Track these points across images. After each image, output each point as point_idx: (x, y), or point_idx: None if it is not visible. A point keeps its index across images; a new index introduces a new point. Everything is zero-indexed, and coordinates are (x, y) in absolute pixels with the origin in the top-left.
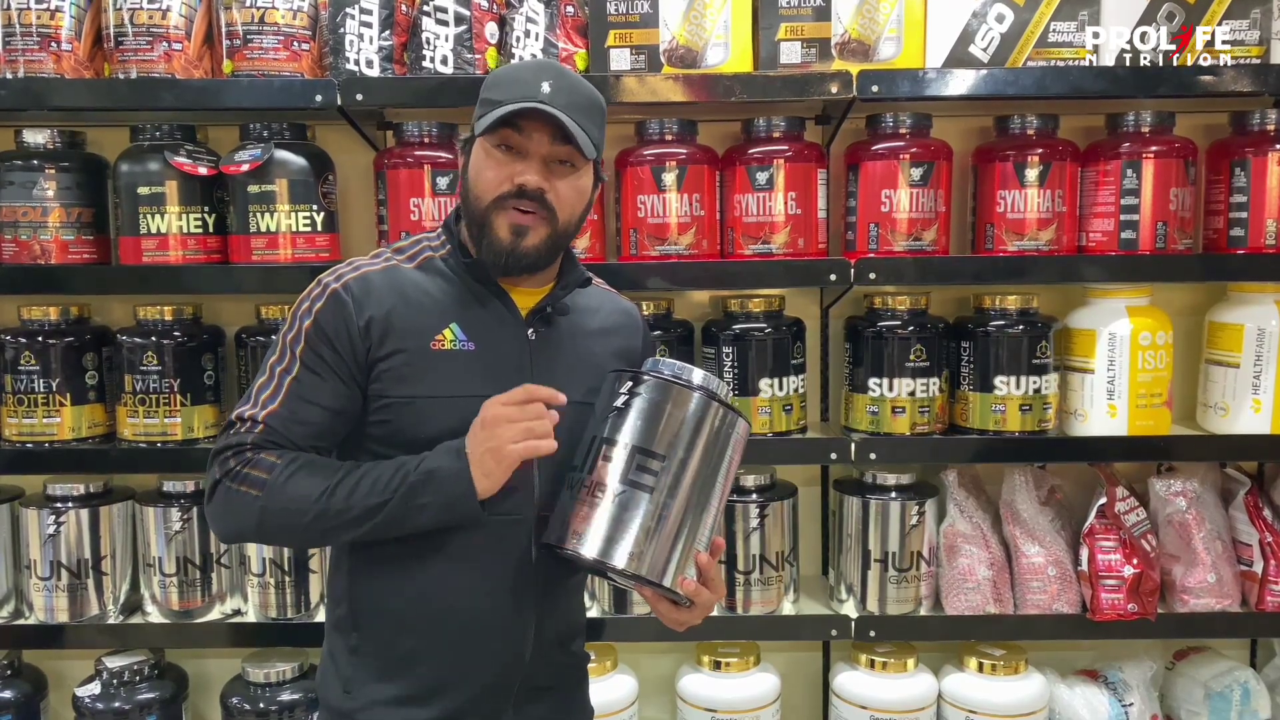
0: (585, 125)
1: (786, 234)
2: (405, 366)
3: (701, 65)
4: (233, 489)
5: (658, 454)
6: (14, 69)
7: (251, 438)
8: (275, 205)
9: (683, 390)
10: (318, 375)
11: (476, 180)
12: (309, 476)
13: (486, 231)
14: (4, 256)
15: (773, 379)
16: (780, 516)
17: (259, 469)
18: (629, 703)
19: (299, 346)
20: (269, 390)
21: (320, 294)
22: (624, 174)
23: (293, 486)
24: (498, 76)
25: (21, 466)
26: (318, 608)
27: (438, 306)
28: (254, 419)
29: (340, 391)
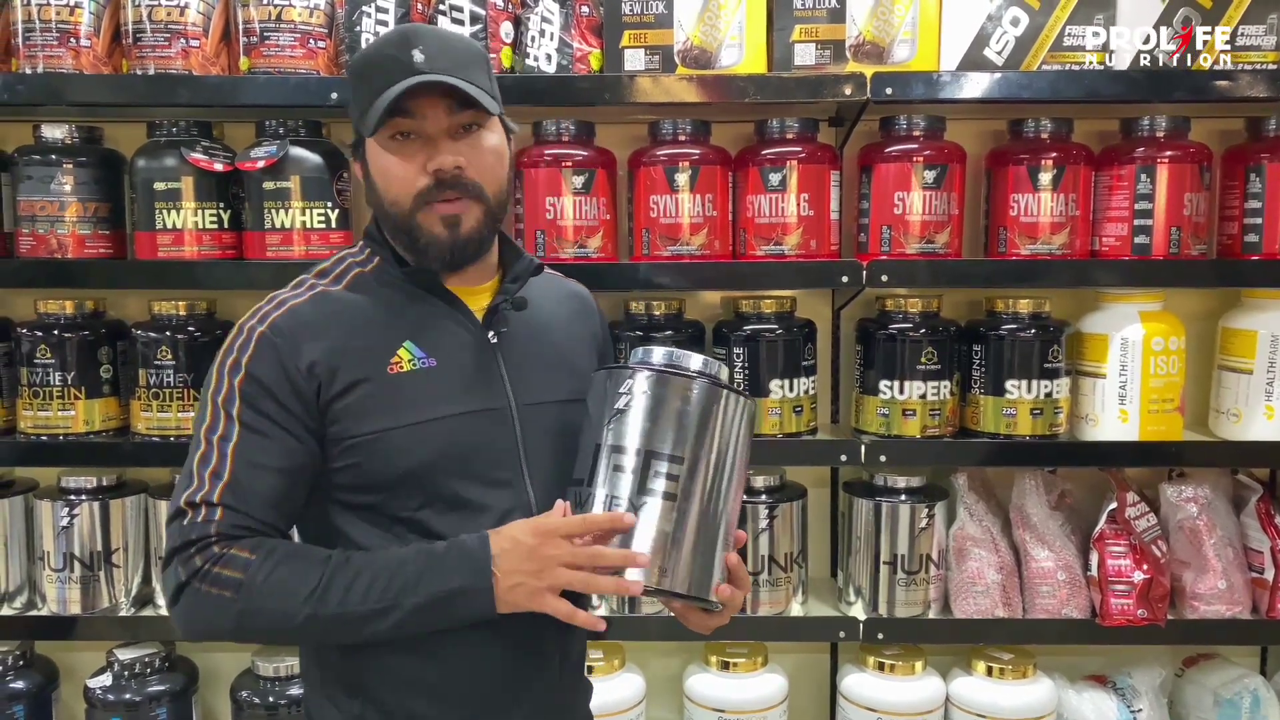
0: (477, 80)
1: (799, 235)
2: (367, 399)
3: (715, 66)
4: (202, 590)
5: (675, 456)
6: (33, 64)
7: (214, 527)
8: (290, 202)
9: (687, 381)
10: (263, 435)
11: (386, 184)
12: (292, 572)
13: (418, 236)
14: (21, 250)
15: (783, 380)
16: (789, 518)
17: (231, 567)
18: (636, 702)
19: (234, 407)
20: (212, 464)
21: (246, 342)
22: (637, 174)
23: (274, 585)
24: (361, 64)
25: (36, 459)
26: None
27: (384, 326)
28: (208, 502)
29: (293, 448)
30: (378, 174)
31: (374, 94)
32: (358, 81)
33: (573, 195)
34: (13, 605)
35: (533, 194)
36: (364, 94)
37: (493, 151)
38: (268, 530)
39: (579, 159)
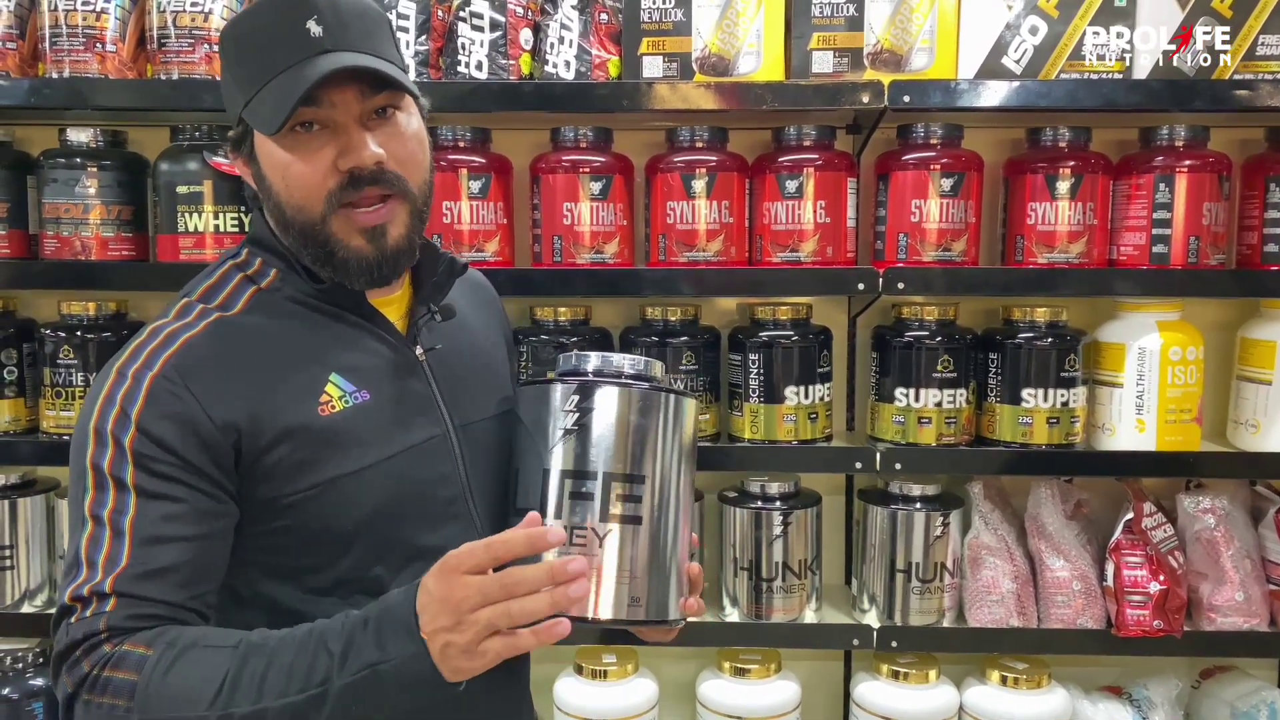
0: (386, 51)
1: (815, 242)
2: (299, 451)
3: (733, 73)
4: (92, 703)
5: (636, 475)
6: (59, 69)
7: (104, 621)
8: None
9: (645, 392)
10: (168, 500)
11: (287, 188)
12: (196, 665)
13: (334, 249)
14: (46, 252)
15: (799, 387)
16: (804, 525)
17: (124, 668)
18: (649, 707)
19: (126, 471)
20: (104, 546)
21: (134, 391)
22: (654, 180)
23: (174, 684)
24: (241, 38)
25: (58, 458)
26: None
27: (303, 359)
28: (98, 593)
29: (207, 510)
30: (274, 174)
31: (264, 77)
32: (238, 60)
33: (590, 201)
34: (33, 603)
35: (550, 200)
36: (249, 76)
37: (414, 138)
38: (180, 615)
39: (596, 165)
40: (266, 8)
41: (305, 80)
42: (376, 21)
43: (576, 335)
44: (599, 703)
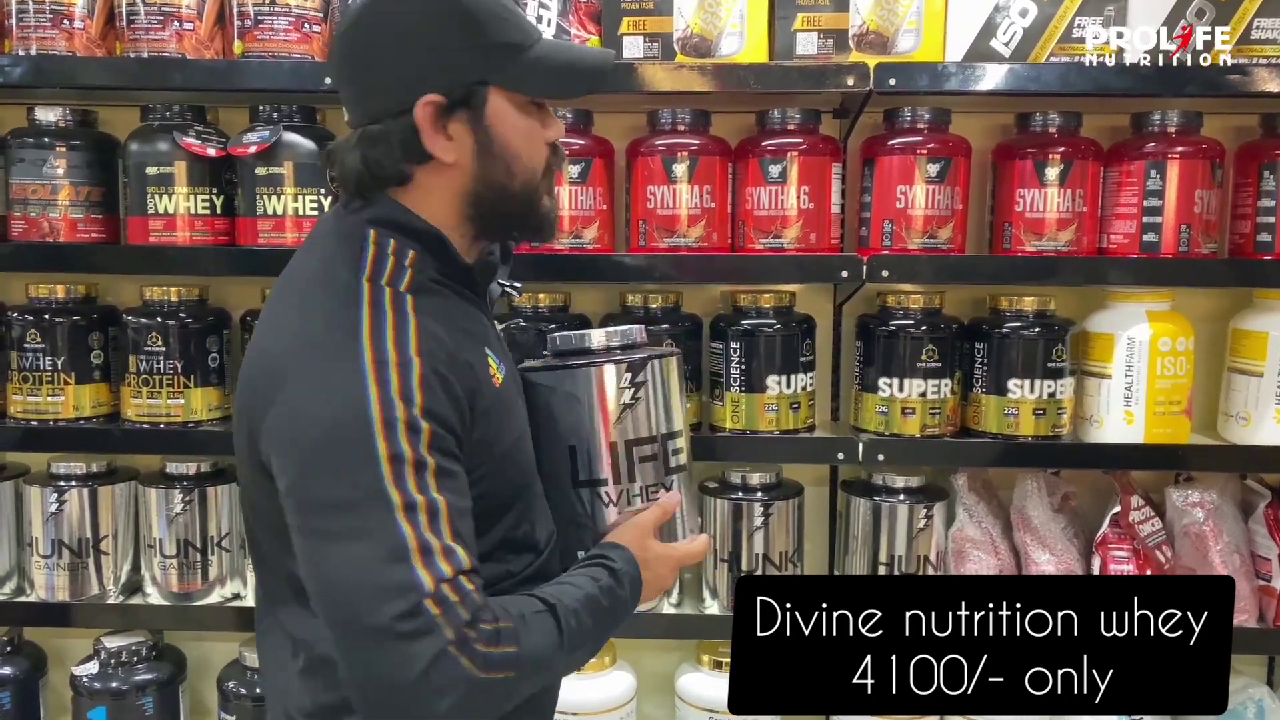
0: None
1: (799, 229)
2: (490, 425)
3: (715, 54)
4: (493, 682)
5: (675, 431)
6: (26, 46)
7: (480, 598)
8: (283, 188)
9: (675, 358)
10: (456, 477)
11: (531, 149)
12: (535, 626)
13: (543, 209)
14: (13, 234)
15: (780, 376)
16: (785, 516)
17: (503, 643)
18: (627, 699)
19: (427, 452)
20: (445, 525)
21: (409, 375)
22: (634, 164)
23: (533, 645)
24: (500, 7)
25: (26, 444)
26: None
27: (467, 333)
28: (463, 571)
29: (467, 483)
30: (517, 137)
31: (521, 44)
32: (480, 29)
33: (569, 185)
34: (1, 591)
35: None
36: (512, 40)
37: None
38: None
39: (576, 148)
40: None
41: (596, 61)
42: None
43: (556, 322)
44: (576, 695)
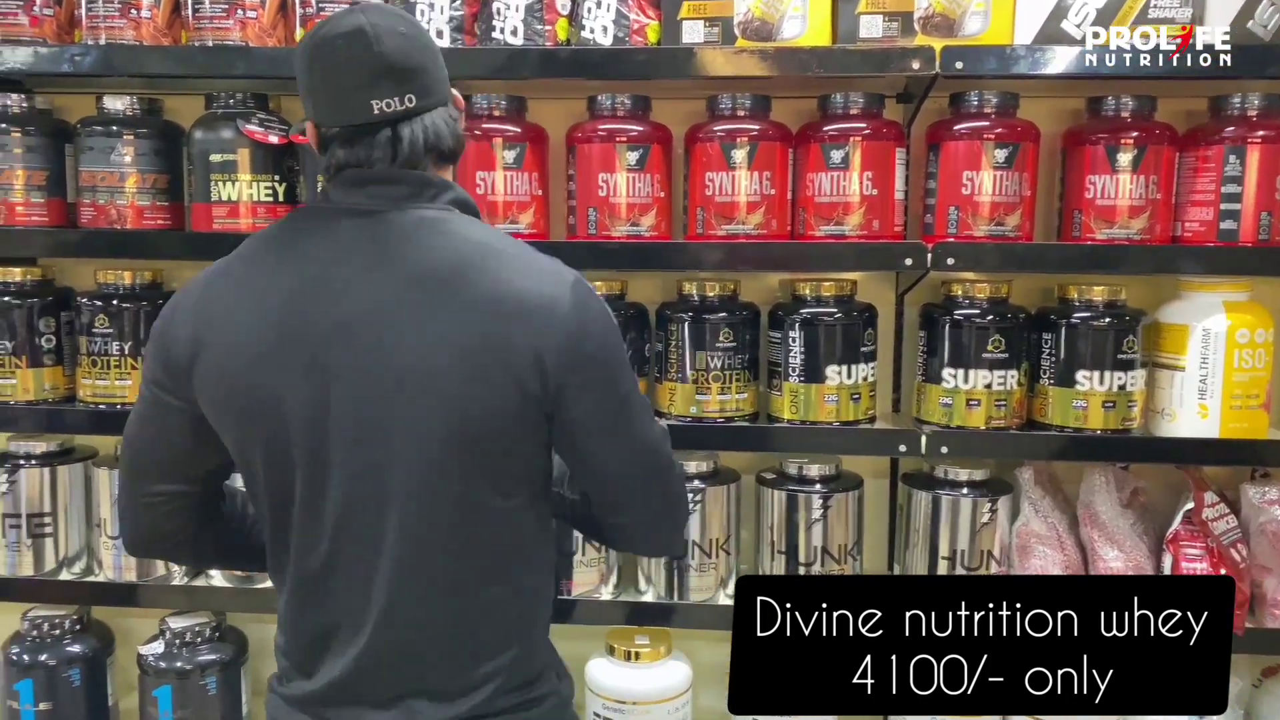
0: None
1: (861, 215)
2: None
3: (777, 38)
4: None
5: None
6: (95, 36)
7: None
8: None
9: None
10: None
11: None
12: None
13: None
14: (83, 220)
15: (841, 366)
16: (844, 509)
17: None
18: (683, 690)
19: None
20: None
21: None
22: (693, 150)
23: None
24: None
25: (95, 427)
26: None
27: None
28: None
29: None
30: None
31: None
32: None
33: (626, 171)
34: (72, 570)
35: (585, 170)
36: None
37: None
38: None
39: (634, 134)
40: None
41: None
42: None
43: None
44: (631, 684)
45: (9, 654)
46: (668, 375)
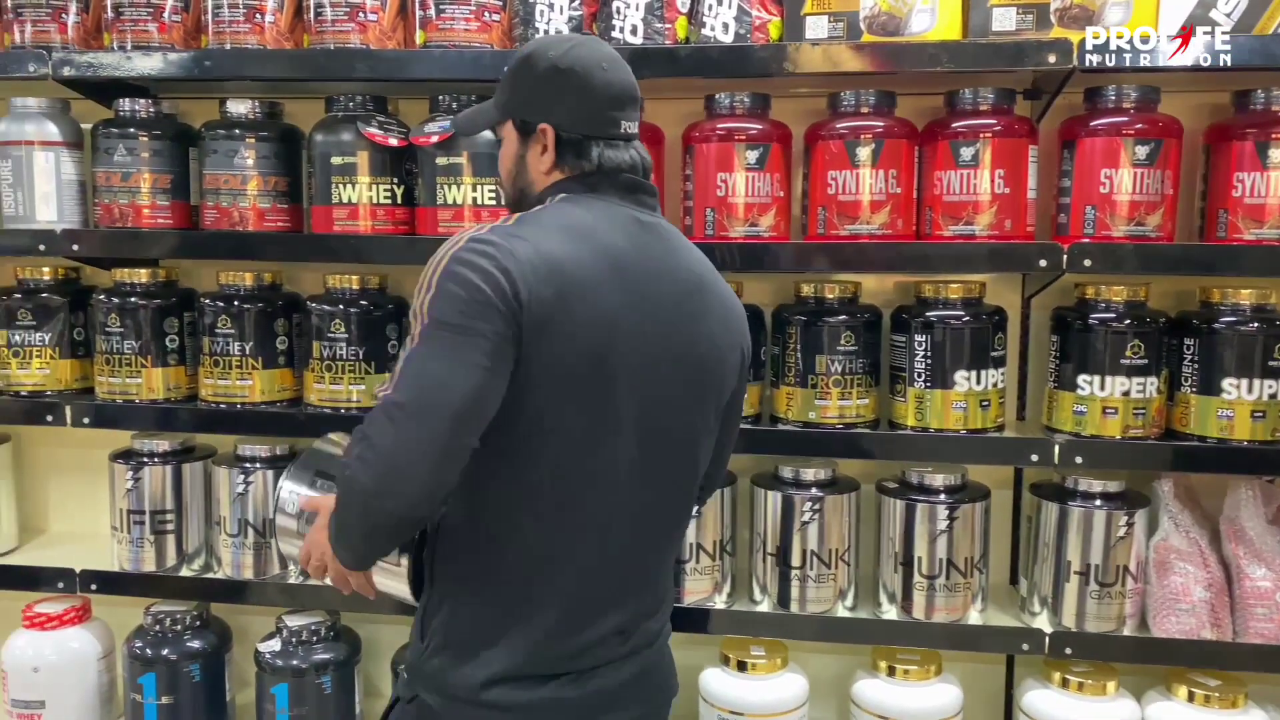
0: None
1: (992, 214)
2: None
3: (905, 33)
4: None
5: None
6: (221, 40)
7: None
8: (462, 178)
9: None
10: None
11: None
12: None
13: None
14: (206, 222)
15: (970, 372)
16: (971, 520)
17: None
18: (799, 703)
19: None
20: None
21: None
22: (814, 148)
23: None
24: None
25: (215, 426)
26: None
27: None
28: None
29: None
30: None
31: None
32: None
33: (745, 171)
34: (191, 567)
35: (703, 170)
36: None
37: (501, 154)
38: None
39: (753, 133)
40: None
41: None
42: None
43: None
44: (746, 695)
45: (131, 647)
46: (785, 379)
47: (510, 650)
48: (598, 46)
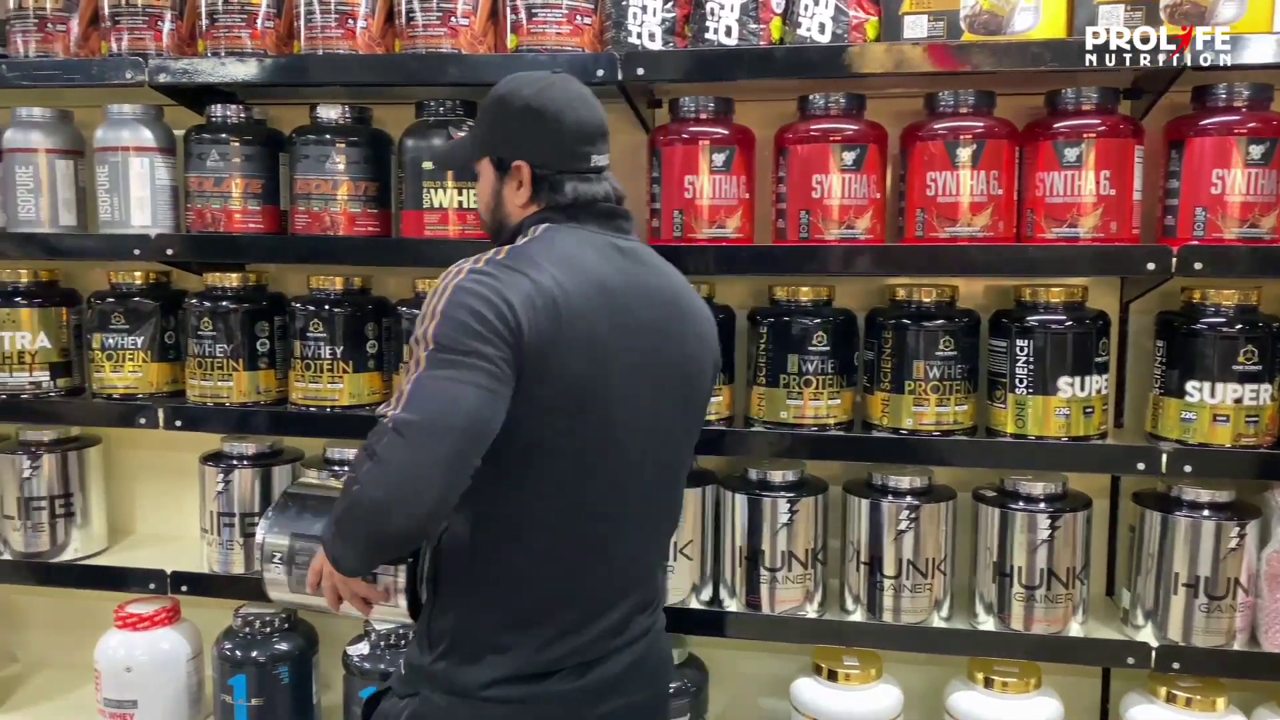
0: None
1: (1097, 217)
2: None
3: (1006, 32)
4: None
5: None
6: (313, 46)
7: None
8: None
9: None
10: None
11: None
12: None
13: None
14: (296, 227)
15: (1074, 378)
16: (1072, 530)
17: None
18: (894, 715)
19: None
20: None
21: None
22: (912, 149)
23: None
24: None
25: (305, 429)
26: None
27: None
28: None
29: None
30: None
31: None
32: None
33: (841, 173)
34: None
35: (797, 172)
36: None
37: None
38: None
39: (849, 134)
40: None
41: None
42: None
43: (819, 316)
44: (839, 706)
45: (221, 649)
46: (880, 385)
47: (516, 654)
48: (569, 85)
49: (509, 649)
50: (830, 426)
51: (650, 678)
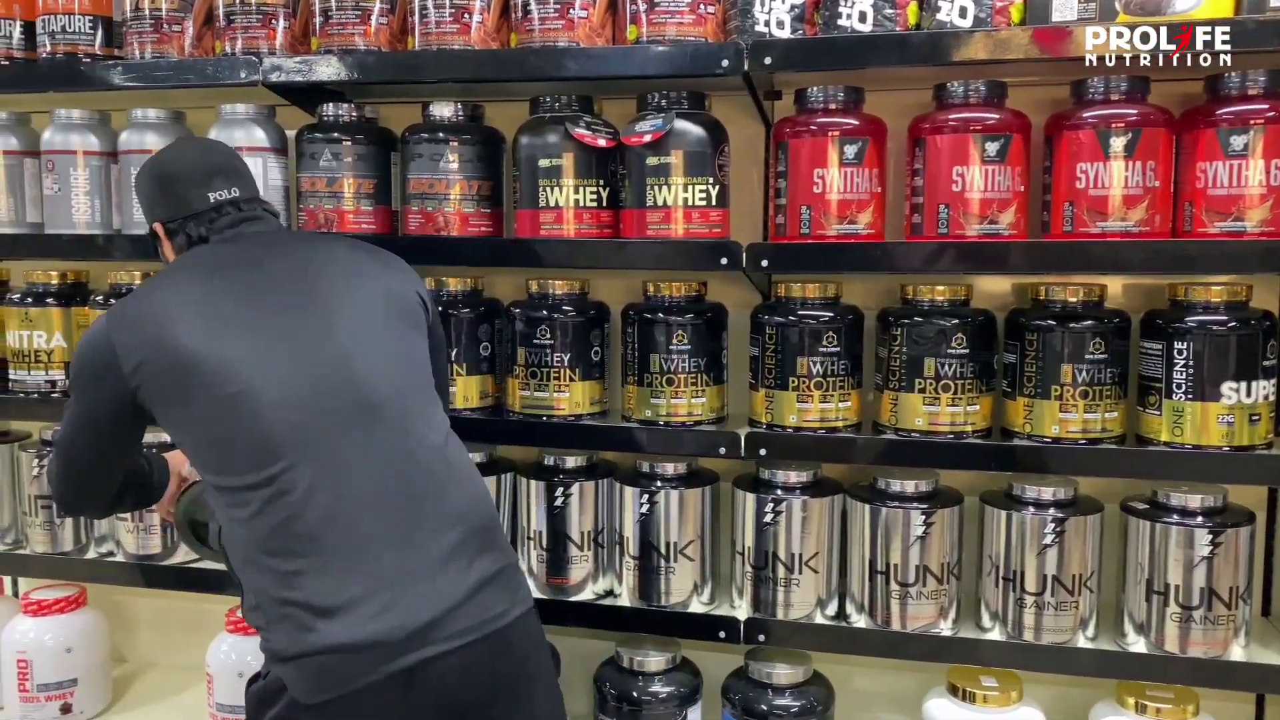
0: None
1: (1266, 210)
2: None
3: (1167, 11)
4: None
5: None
6: (427, 42)
7: None
8: (672, 178)
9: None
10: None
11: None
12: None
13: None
14: (410, 228)
15: (1238, 383)
16: (1234, 546)
17: None
18: None
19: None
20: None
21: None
22: (1059, 139)
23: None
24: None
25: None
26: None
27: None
28: None
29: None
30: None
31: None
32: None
33: (983, 164)
34: None
35: (935, 164)
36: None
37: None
38: None
39: (992, 123)
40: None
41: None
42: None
43: (955, 317)
44: None
45: None
46: (1022, 390)
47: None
48: (184, 141)
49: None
50: (968, 434)
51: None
